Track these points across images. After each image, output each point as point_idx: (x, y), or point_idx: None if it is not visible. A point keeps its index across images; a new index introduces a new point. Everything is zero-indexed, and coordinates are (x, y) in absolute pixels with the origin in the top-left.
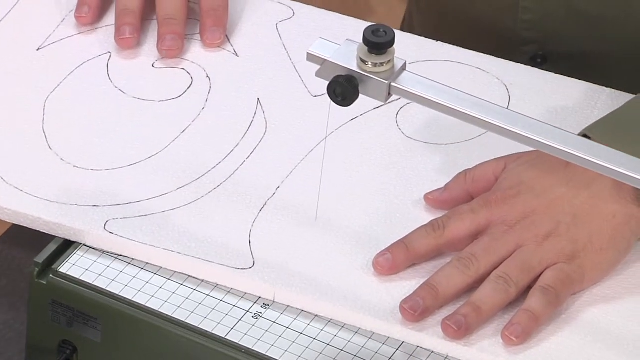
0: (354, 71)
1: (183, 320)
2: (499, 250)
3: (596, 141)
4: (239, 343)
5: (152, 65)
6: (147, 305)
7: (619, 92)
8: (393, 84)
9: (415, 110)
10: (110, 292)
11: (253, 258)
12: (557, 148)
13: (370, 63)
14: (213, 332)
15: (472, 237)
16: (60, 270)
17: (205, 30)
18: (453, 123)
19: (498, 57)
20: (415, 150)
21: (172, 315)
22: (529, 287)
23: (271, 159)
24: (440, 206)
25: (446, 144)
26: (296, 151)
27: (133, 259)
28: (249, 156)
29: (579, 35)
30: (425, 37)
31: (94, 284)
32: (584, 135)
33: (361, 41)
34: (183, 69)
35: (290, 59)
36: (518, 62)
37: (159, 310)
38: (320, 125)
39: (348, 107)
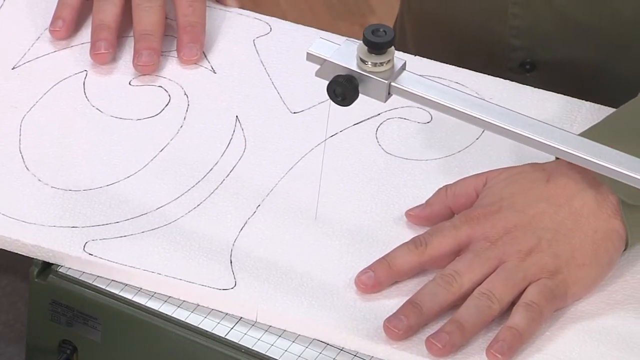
0: (354, 71)
1: (183, 320)
2: (482, 266)
3: None
4: (239, 343)
5: (129, 83)
6: (147, 305)
7: (599, 105)
8: (393, 83)
9: (395, 126)
10: (110, 292)
11: (234, 278)
12: (557, 148)
13: (370, 63)
14: (213, 332)
15: (454, 254)
16: (60, 270)
17: (182, 46)
18: (432, 139)
19: (486, 63)
20: (395, 166)
21: (172, 315)
22: (512, 303)
23: (251, 177)
24: (422, 222)
25: (426, 160)
26: (276, 169)
27: None
28: (228, 174)
29: (567, 42)
30: (416, 41)
31: (93, 284)
32: None
33: (360, 41)
34: (160, 86)
35: (269, 76)
36: (507, 69)
37: (159, 310)
38: (300, 142)
39: (326, 124)
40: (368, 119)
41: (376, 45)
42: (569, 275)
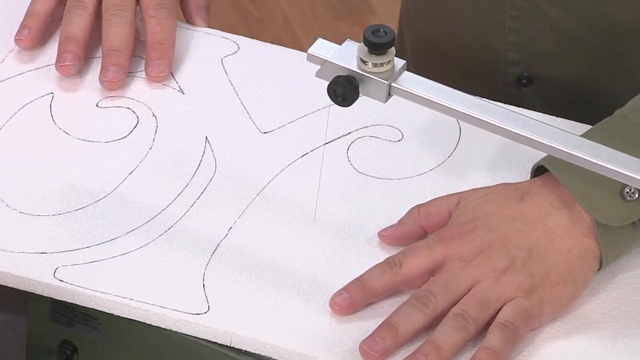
0: (354, 71)
1: None
2: (457, 286)
3: (553, 173)
4: None
5: (97, 105)
6: None
7: (573, 122)
8: (393, 84)
9: (366, 145)
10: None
11: (207, 302)
12: (557, 148)
13: (370, 63)
14: None
15: (428, 274)
16: None
17: (150, 63)
18: (404, 157)
19: (483, 78)
20: (367, 185)
21: None
22: (488, 323)
23: (222, 198)
24: (395, 242)
25: (398, 179)
26: (247, 190)
27: None
28: (199, 197)
29: (564, 57)
30: (414, 54)
31: None
32: (540, 166)
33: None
34: (128, 108)
35: (237, 95)
36: (503, 83)
37: None
38: (271, 162)
39: (297, 142)
40: (339, 137)
41: (376, 45)
42: (544, 294)
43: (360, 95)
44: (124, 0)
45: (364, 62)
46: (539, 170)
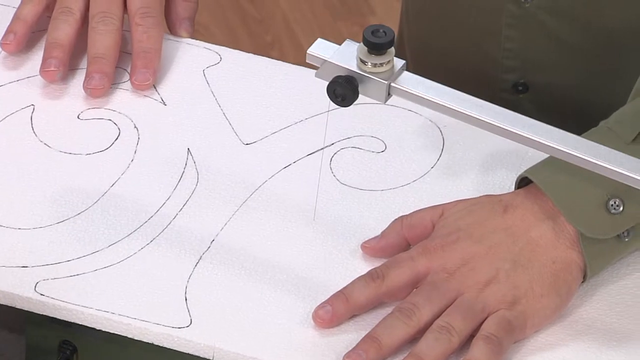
0: (354, 71)
1: None
2: (440, 298)
3: (538, 185)
4: None
5: (78, 117)
6: None
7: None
8: (393, 84)
9: (348, 156)
10: None
11: (190, 316)
12: (557, 148)
13: (370, 63)
14: None
15: (412, 286)
16: None
17: (135, 71)
18: (387, 168)
19: (480, 84)
20: (350, 197)
21: None
22: (471, 335)
23: (204, 211)
24: (378, 254)
25: (382, 190)
26: (230, 202)
27: None
28: (181, 209)
29: (561, 65)
30: (412, 59)
31: None
32: (525, 178)
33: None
34: (110, 119)
35: (220, 106)
36: (500, 90)
37: None
38: (253, 174)
39: (280, 153)
40: (321, 149)
41: (376, 45)
42: (527, 306)
43: (359, 95)
44: (111, 7)
45: (363, 62)
46: (523, 182)
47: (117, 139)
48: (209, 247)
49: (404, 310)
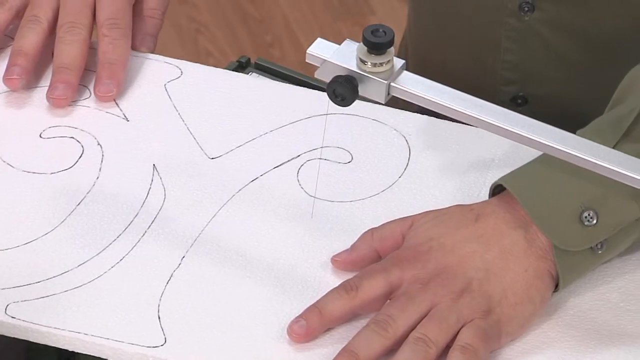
0: (354, 71)
1: None
2: (415, 309)
3: (512, 194)
4: None
5: (40, 136)
6: None
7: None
8: (392, 84)
9: (316, 168)
10: None
11: (164, 335)
12: (557, 148)
13: (369, 63)
14: None
15: (385, 297)
16: None
17: (99, 82)
18: (355, 179)
19: (478, 96)
20: (319, 209)
21: None
22: (447, 346)
23: (174, 227)
24: (349, 267)
25: (351, 201)
26: (199, 217)
27: None
28: (149, 226)
29: (560, 78)
30: (414, 68)
31: None
32: (499, 185)
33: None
34: (72, 137)
35: (183, 121)
36: (498, 102)
37: None
38: (220, 188)
39: (247, 167)
40: (288, 161)
41: (376, 45)
42: (502, 315)
43: (359, 95)
44: (79, 18)
45: (363, 62)
46: (497, 189)
47: (81, 156)
48: (179, 264)
49: (379, 322)
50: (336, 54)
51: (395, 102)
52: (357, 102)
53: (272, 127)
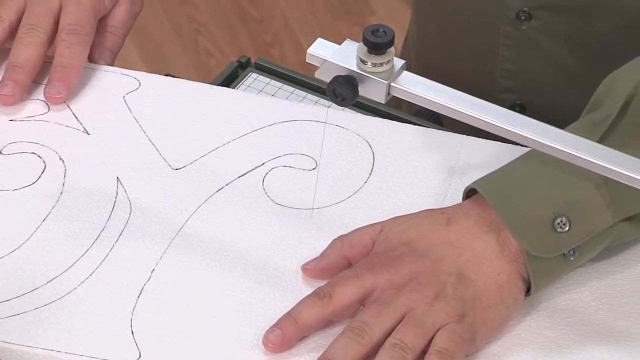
0: (354, 71)
1: None
2: (390, 315)
3: (486, 199)
4: None
5: (0, 152)
6: None
7: (481, 139)
8: (392, 84)
9: (280, 175)
10: None
11: (138, 349)
12: (556, 148)
13: (370, 63)
14: None
15: (359, 303)
16: None
17: (49, 84)
18: (320, 185)
19: None
20: (286, 217)
21: None
22: (423, 350)
23: (141, 240)
24: (320, 275)
25: (318, 208)
26: (166, 229)
27: None
28: (117, 240)
29: (558, 86)
30: (418, 69)
31: None
32: (473, 189)
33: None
34: (34, 152)
35: (144, 132)
36: None
37: None
38: (186, 199)
39: (211, 176)
40: (253, 169)
41: (376, 45)
42: (476, 318)
43: (359, 95)
44: (40, 21)
45: (363, 62)
46: (470, 192)
47: (43, 172)
48: (149, 277)
49: (355, 329)
50: (336, 54)
51: (398, 103)
52: (316, 108)
53: (234, 135)
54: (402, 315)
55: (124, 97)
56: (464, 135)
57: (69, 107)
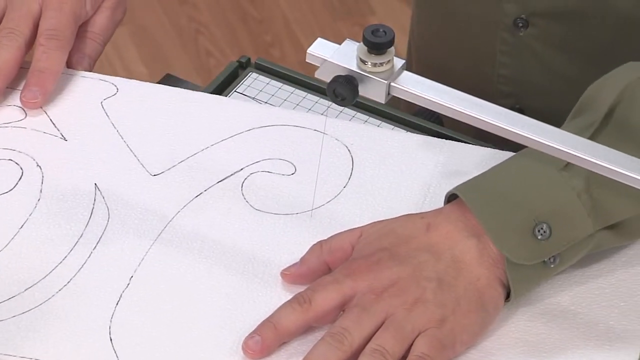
0: (354, 71)
1: None
2: (370, 320)
3: (467, 204)
4: None
5: None
6: None
7: (457, 143)
8: (392, 83)
9: (259, 181)
10: None
11: (117, 356)
12: (556, 148)
13: (370, 63)
14: None
15: (339, 308)
16: None
17: (25, 88)
18: (300, 190)
19: None
20: (265, 222)
21: None
22: (403, 355)
23: (119, 247)
24: (299, 281)
25: (297, 214)
26: (145, 236)
27: None
28: (95, 246)
29: (554, 92)
30: (420, 70)
31: None
32: (453, 194)
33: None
34: (10, 159)
35: (122, 138)
36: None
37: None
38: (165, 205)
39: (190, 182)
40: (231, 175)
41: (376, 45)
42: (456, 324)
43: (359, 95)
44: (19, 25)
45: (363, 61)
46: (451, 198)
47: (20, 179)
48: (128, 284)
49: (335, 335)
50: (336, 54)
51: (397, 103)
52: (297, 112)
53: (213, 141)
54: (382, 321)
55: (101, 102)
56: (444, 140)
57: (46, 113)
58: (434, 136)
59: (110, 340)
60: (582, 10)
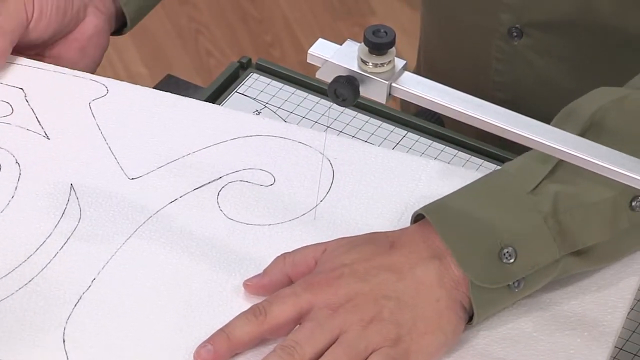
0: (355, 71)
1: None
2: (323, 335)
3: (433, 225)
4: None
5: None
6: None
7: (444, 163)
8: (394, 84)
9: (237, 190)
10: None
11: (67, 358)
12: (556, 148)
13: (371, 63)
14: None
15: (295, 321)
16: None
17: None
18: (276, 202)
19: None
20: (237, 232)
21: None
22: None
23: (86, 249)
24: (260, 292)
25: (269, 225)
26: (113, 239)
27: None
28: (61, 247)
29: (549, 101)
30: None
31: None
32: (420, 214)
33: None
34: None
35: (105, 140)
36: None
37: None
38: (137, 209)
39: (166, 188)
40: (209, 183)
41: (377, 45)
42: (411, 344)
43: (360, 95)
44: None
45: (364, 62)
46: (418, 217)
47: None
48: (89, 286)
49: (286, 347)
50: (337, 54)
51: (408, 106)
52: (281, 124)
53: (195, 147)
54: (336, 337)
55: (89, 103)
56: (429, 159)
57: (32, 110)
58: (434, 136)
59: (63, 342)
60: (575, 22)
